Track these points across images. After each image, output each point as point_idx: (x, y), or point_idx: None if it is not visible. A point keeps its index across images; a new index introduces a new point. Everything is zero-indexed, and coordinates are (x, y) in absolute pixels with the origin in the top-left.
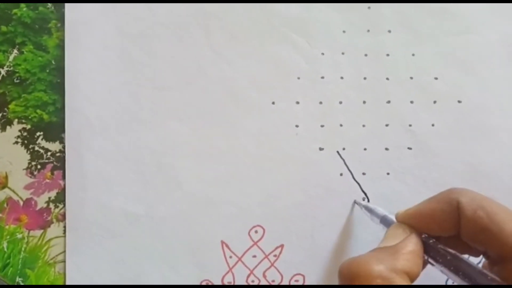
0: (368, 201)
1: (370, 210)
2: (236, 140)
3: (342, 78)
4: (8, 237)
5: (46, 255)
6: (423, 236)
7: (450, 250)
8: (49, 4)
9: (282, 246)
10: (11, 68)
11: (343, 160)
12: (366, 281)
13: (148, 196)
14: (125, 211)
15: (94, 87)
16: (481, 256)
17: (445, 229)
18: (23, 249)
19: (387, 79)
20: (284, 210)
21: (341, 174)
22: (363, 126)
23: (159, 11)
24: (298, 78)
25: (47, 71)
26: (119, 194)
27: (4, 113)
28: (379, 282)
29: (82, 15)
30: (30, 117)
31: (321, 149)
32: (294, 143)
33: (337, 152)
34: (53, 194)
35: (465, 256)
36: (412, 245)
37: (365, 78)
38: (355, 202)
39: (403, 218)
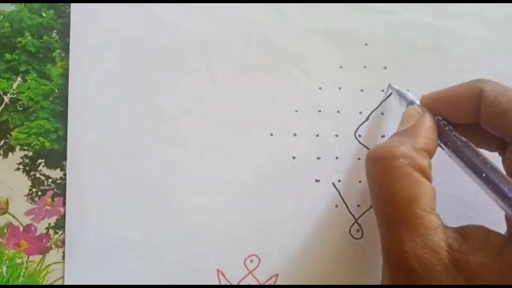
0: (363, 234)
1: (400, 94)
2: (234, 170)
3: (338, 112)
4: (7, 261)
5: (45, 280)
6: (441, 122)
7: (463, 138)
8: (54, 34)
9: (277, 275)
10: (15, 96)
11: (339, 192)
12: (391, 161)
13: (146, 224)
14: (123, 238)
15: (96, 116)
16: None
17: (465, 115)
18: (22, 273)
19: (382, 114)
20: (279, 240)
21: (336, 206)
22: (358, 159)
23: (161, 42)
24: (296, 111)
25: (50, 99)
26: (117, 221)
27: (7, 140)
28: (402, 161)
29: (86, 45)
30: (32, 144)
31: (317, 180)
32: (291, 174)
33: (333, 184)
34: (53, 220)
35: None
36: (427, 122)
37: (360, 113)
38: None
39: (426, 100)
